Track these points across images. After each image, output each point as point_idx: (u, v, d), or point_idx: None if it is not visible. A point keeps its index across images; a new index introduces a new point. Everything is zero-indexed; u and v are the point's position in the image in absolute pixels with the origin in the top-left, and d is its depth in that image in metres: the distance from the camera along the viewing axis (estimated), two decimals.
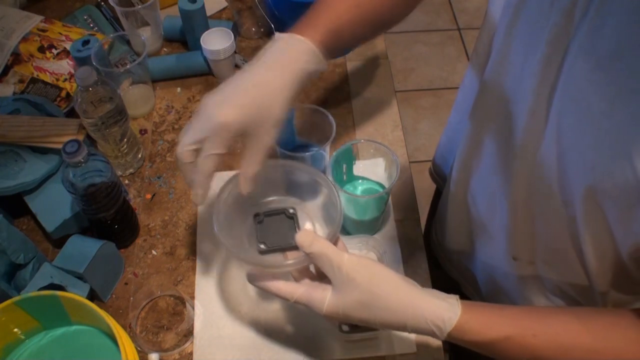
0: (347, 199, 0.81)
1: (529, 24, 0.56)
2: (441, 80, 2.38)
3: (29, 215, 0.87)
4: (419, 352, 0.75)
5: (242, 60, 1.06)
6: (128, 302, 0.80)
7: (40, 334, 0.73)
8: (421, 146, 2.18)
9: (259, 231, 0.72)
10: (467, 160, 0.75)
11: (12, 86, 0.97)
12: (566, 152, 0.55)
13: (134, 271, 0.83)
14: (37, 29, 1.02)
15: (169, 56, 1.06)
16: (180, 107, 1.01)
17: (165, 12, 1.12)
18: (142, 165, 0.94)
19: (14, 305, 0.68)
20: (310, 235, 0.59)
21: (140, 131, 0.98)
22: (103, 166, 0.75)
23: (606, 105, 0.48)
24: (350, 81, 1.04)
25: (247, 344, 0.76)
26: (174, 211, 0.88)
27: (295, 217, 0.73)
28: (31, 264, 0.75)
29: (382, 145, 0.80)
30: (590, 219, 0.56)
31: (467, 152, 0.74)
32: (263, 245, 0.71)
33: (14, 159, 0.84)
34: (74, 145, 0.70)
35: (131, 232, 0.85)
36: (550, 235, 0.64)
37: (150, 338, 0.76)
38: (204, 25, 1.03)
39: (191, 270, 0.82)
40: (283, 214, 0.73)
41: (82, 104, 0.80)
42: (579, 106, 0.52)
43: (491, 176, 0.70)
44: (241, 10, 1.09)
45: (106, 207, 0.78)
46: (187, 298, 0.78)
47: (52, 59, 1.00)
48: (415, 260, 0.83)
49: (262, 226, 0.73)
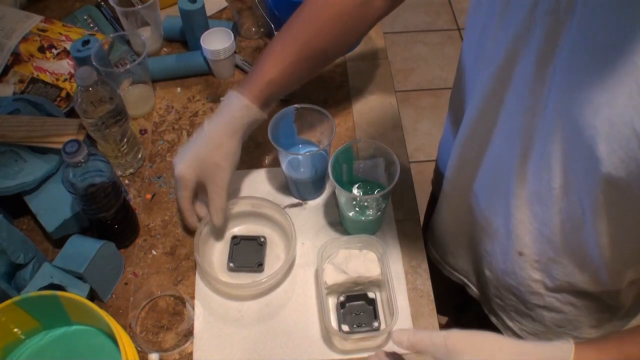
0: (347, 199, 0.81)
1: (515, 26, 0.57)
2: (441, 80, 2.38)
3: (29, 215, 0.87)
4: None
5: (242, 61, 1.06)
6: (128, 302, 0.80)
7: (40, 334, 0.73)
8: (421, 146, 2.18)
9: (233, 251, 0.83)
10: (467, 155, 0.75)
11: (12, 86, 0.97)
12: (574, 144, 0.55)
13: (134, 271, 0.83)
14: (37, 29, 1.02)
15: (169, 56, 1.06)
16: (180, 107, 1.01)
17: (165, 12, 1.13)
18: (142, 165, 0.94)
19: (14, 305, 0.68)
20: (405, 334, 0.59)
21: (140, 131, 0.98)
22: (103, 166, 0.75)
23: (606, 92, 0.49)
24: (350, 81, 1.04)
25: (247, 344, 0.76)
26: (174, 211, 0.88)
27: (264, 244, 0.84)
28: (31, 264, 0.75)
29: (382, 145, 0.80)
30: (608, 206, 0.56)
31: (467, 145, 0.74)
32: (232, 264, 0.82)
33: (14, 159, 0.84)
34: (74, 145, 0.70)
35: (131, 232, 0.85)
36: (559, 229, 0.65)
37: (150, 338, 0.76)
38: (204, 25, 1.03)
39: (191, 270, 0.82)
40: (255, 241, 0.84)
41: (82, 104, 0.80)
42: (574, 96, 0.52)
43: (494, 170, 0.70)
44: (241, 10, 1.09)
45: (106, 207, 0.78)
46: (187, 298, 0.78)
47: (52, 59, 1.00)
48: (415, 260, 0.83)
49: (237, 247, 0.84)
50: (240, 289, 0.79)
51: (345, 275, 0.76)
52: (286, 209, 0.87)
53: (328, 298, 0.78)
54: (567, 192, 0.60)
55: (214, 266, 0.82)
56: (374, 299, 0.77)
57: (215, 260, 0.83)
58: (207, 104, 1.01)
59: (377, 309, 0.77)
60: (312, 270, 0.82)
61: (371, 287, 0.78)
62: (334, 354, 0.75)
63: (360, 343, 0.75)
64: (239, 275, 0.81)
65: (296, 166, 0.86)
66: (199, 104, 1.01)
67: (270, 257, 0.83)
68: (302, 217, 0.87)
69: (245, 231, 0.86)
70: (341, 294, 0.78)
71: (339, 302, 0.77)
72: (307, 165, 0.85)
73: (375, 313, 0.76)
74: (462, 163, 0.76)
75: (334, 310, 0.78)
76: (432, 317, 0.78)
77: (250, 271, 0.82)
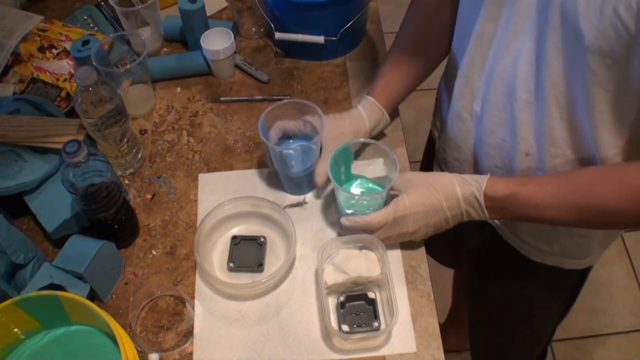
0: (345, 197, 0.81)
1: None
2: None
3: (29, 215, 0.87)
4: (419, 351, 0.75)
5: (242, 61, 1.06)
6: (128, 302, 0.80)
7: (40, 334, 0.73)
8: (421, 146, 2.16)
9: (233, 251, 0.83)
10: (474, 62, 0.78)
11: (12, 86, 0.97)
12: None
13: (134, 271, 0.83)
14: (37, 29, 1.02)
15: (169, 56, 1.06)
16: (180, 107, 1.01)
17: (165, 12, 1.12)
18: (142, 165, 0.94)
19: (14, 305, 0.68)
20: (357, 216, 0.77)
21: (140, 131, 0.98)
22: (103, 166, 0.75)
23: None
24: (350, 81, 1.04)
25: (247, 344, 0.76)
26: (174, 211, 0.88)
27: (264, 244, 0.83)
28: (31, 264, 0.75)
29: (380, 144, 0.80)
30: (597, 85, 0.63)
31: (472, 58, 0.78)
32: (232, 264, 0.82)
33: (14, 159, 0.84)
34: (74, 145, 0.70)
35: (131, 232, 0.85)
36: (558, 123, 0.71)
37: (150, 338, 0.76)
38: (204, 25, 1.03)
39: (191, 270, 0.82)
40: (255, 241, 0.84)
41: (82, 104, 0.80)
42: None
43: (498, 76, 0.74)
44: (241, 10, 1.09)
45: (106, 207, 0.78)
46: (187, 298, 0.78)
47: (52, 59, 1.00)
48: (415, 260, 0.83)
49: (237, 247, 0.83)
50: (241, 289, 0.79)
51: (345, 275, 0.76)
52: (286, 209, 0.87)
53: (328, 298, 0.78)
54: (562, 82, 0.67)
55: (214, 266, 0.82)
56: (374, 299, 0.77)
57: (215, 260, 0.83)
58: (207, 104, 1.01)
59: (377, 309, 0.77)
60: (312, 270, 0.82)
61: (371, 287, 0.78)
62: (334, 353, 0.75)
63: (360, 343, 0.75)
64: (239, 275, 0.82)
65: (288, 161, 0.85)
66: (199, 104, 1.01)
67: (270, 257, 0.83)
68: (303, 217, 0.87)
69: (245, 231, 0.86)
70: (341, 294, 0.78)
71: (339, 302, 0.77)
72: (298, 159, 0.85)
73: (375, 313, 0.76)
74: (467, 80, 0.80)
75: (334, 310, 0.78)
76: (432, 317, 0.78)
77: (250, 271, 0.82)
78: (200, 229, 0.81)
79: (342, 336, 0.74)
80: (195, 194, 0.90)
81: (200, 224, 0.82)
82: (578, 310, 1.72)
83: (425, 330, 0.77)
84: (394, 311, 0.72)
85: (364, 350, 0.75)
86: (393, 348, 0.75)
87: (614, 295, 1.76)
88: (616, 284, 1.78)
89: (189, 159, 0.94)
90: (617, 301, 1.75)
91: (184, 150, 0.95)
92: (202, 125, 0.98)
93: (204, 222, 0.82)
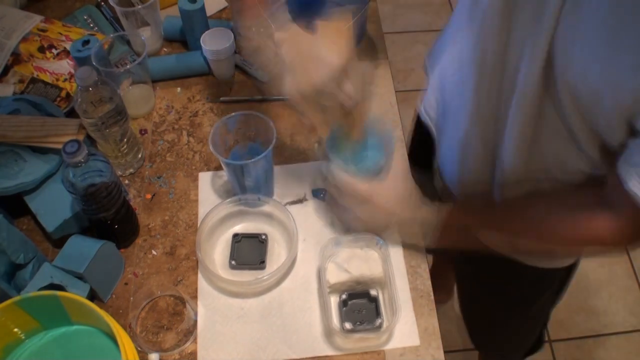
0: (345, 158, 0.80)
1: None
2: None
3: (29, 215, 0.86)
4: (419, 351, 0.75)
5: (242, 61, 1.06)
6: (128, 302, 0.80)
7: (40, 334, 0.73)
8: None
9: (234, 249, 0.83)
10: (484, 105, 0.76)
11: (12, 86, 0.97)
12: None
13: (134, 271, 0.83)
14: (37, 29, 1.01)
15: (169, 56, 1.06)
16: (180, 107, 1.01)
17: (165, 12, 1.12)
18: (142, 165, 0.94)
19: (14, 305, 0.68)
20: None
21: (140, 131, 0.98)
22: (103, 166, 0.75)
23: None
24: None
25: (250, 341, 0.76)
26: (174, 211, 0.88)
27: (266, 242, 0.84)
28: (31, 264, 0.75)
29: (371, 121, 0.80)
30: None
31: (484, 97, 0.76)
32: (234, 262, 0.82)
33: (14, 159, 0.84)
34: (74, 145, 0.70)
35: (131, 232, 0.85)
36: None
37: (150, 338, 0.76)
38: (204, 25, 1.03)
39: (191, 270, 0.82)
40: (257, 238, 0.84)
41: (82, 104, 0.80)
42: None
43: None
44: None
45: (106, 207, 0.78)
46: (187, 298, 0.78)
47: (52, 59, 1.00)
48: (415, 260, 0.83)
49: (238, 245, 0.84)
50: (243, 286, 0.79)
51: (347, 274, 0.77)
52: (287, 206, 0.87)
53: (330, 296, 0.78)
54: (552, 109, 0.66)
55: (215, 264, 0.83)
56: (376, 297, 0.77)
57: (217, 258, 0.83)
58: (207, 104, 1.01)
59: (379, 307, 0.77)
60: (314, 267, 0.82)
61: (373, 286, 0.78)
62: (336, 351, 0.75)
63: (362, 341, 0.75)
64: (241, 273, 0.82)
65: (244, 174, 0.83)
66: (199, 104, 1.01)
67: (272, 254, 0.83)
68: (304, 214, 0.87)
69: (246, 229, 0.86)
70: (343, 292, 0.78)
71: (341, 300, 0.77)
72: (255, 170, 0.82)
73: (378, 311, 0.76)
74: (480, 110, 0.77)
75: (336, 308, 0.78)
76: (432, 317, 0.78)
77: (252, 269, 0.82)
78: (202, 227, 0.81)
79: (344, 334, 0.74)
80: (195, 194, 0.90)
81: (201, 222, 0.82)
82: (578, 310, 1.72)
83: (425, 330, 0.77)
84: (396, 309, 0.72)
85: (366, 348, 0.75)
86: (396, 342, 0.75)
87: (614, 295, 1.76)
88: (616, 284, 1.78)
89: (189, 159, 0.94)
90: (617, 301, 1.75)
91: (184, 150, 0.95)
92: (202, 125, 0.98)
93: (206, 220, 0.82)
